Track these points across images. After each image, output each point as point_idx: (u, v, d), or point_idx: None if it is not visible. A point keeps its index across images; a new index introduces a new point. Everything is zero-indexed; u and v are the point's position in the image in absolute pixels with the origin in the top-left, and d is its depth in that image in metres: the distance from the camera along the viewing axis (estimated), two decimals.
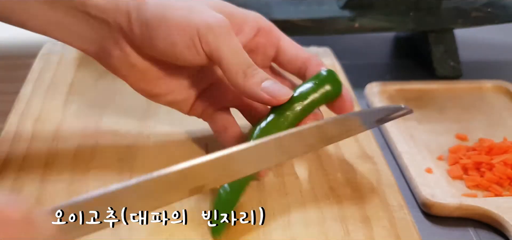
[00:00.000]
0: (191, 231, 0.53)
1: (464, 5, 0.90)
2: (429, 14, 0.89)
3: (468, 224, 0.60)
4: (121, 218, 0.45)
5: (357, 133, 0.60)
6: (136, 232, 0.53)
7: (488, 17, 0.90)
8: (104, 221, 0.45)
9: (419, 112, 0.77)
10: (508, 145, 0.67)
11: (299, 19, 0.88)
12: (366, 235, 0.54)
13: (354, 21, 0.88)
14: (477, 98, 0.81)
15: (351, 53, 0.96)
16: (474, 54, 0.96)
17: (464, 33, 0.94)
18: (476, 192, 0.63)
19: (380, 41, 1.00)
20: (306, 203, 0.57)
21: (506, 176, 0.63)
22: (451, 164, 0.67)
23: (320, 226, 0.55)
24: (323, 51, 0.87)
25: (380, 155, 0.65)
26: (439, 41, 0.89)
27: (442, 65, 0.89)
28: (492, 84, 0.83)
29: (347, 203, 0.57)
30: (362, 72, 0.90)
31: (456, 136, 0.72)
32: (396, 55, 0.99)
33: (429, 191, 0.62)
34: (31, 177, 0.59)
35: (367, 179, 0.61)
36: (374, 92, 0.80)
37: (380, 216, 0.56)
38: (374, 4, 0.88)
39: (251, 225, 0.54)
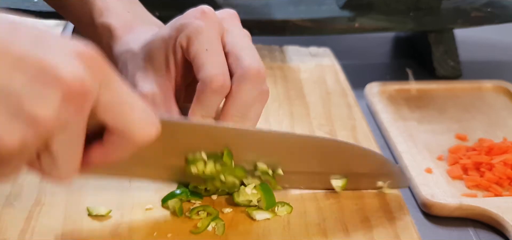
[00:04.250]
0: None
1: (464, 5, 0.90)
2: (429, 14, 0.89)
3: (468, 224, 0.60)
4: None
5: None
6: (136, 232, 0.53)
7: (488, 17, 0.90)
8: None
9: (419, 112, 0.77)
10: (508, 145, 0.67)
11: (299, 19, 0.88)
12: (366, 235, 0.54)
13: (354, 21, 0.88)
14: (477, 98, 0.81)
15: (351, 53, 0.96)
16: (474, 54, 0.96)
17: (464, 33, 0.94)
18: (476, 192, 0.63)
19: (380, 41, 1.00)
20: (306, 203, 0.57)
21: (506, 176, 0.63)
22: (451, 164, 0.67)
23: (320, 226, 0.55)
24: (323, 51, 0.88)
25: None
26: (439, 41, 0.89)
27: (442, 65, 0.89)
28: (492, 84, 0.83)
29: (347, 203, 0.57)
30: (362, 72, 0.90)
31: (456, 136, 0.72)
32: (396, 55, 0.99)
33: (429, 191, 0.62)
34: (31, 177, 0.59)
35: None
36: (374, 92, 0.80)
37: (380, 216, 0.56)
38: (374, 4, 0.88)
39: (251, 225, 0.54)
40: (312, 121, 0.70)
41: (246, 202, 0.56)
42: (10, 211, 0.55)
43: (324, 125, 0.70)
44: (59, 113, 0.42)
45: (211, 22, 0.57)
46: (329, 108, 0.73)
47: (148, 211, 0.56)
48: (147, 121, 0.46)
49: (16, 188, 0.58)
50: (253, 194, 0.56)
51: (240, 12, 0.90)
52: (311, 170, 0.58)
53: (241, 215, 0.55)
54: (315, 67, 0.83)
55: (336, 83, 0.79)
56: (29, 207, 0.55)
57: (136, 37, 0.62)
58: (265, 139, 0.56)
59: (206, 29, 0.57)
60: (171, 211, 0.55)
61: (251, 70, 0.56)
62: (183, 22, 0.58)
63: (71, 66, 0.42)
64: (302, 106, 0.74)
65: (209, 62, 0.56)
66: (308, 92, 0.77)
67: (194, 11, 0.58)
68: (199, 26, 0.57)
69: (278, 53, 0.87)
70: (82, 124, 0.43)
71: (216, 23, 0.58)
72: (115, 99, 0.44)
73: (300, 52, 0.87)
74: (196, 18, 0.58)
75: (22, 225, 0.53)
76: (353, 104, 0.75)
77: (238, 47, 0.57)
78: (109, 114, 0.44)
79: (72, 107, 0.42)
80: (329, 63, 0.84)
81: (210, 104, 0.56)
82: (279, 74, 0.81)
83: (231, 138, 0.54)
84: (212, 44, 0.57)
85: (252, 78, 0.56)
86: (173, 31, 0.58)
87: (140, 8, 0.67)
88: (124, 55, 0.61)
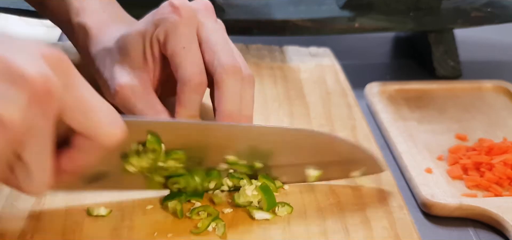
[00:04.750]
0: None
1: (464, 5, 0.90)
2: (429, 14, 0.89)
3: (468, 224, 0.60)
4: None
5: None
6: (136, 232, 0.53)
7: (488, 17, 0.90)
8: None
9: (419, 112, 0.77)
10: (508, 145, 0.67)
11: (299, 19, 0.88)
12: (366, 235, 0.54)
13: (354, 21, 0.88)
14: (477, 98, 0.81)
15: (351, 53, 0.96)
16: (474, 54, 0.96)
17: (464, 33, 0.94)
18: (476, 192, 0.63)
19: (380, 41, 1.00)
20: (306, 203, 0.57)
21: (506, 176, 0.63)
22: (451, 164, 0.67)
23: (320, 226, 0.55)
24: (323, 51, 0.88)
25: (380, 155, 0.65)
26: (439, 41, 0.89)
27: (442, 65, 0.89)
28: (492, 84, 0.83)
29: (347, 203, 0.57)
30: (362, 72, 0.90)
31: (456, 136, 0.72)
32: (396, 55, 0.99)
33: (429, 191, 0.62)
34: None
35: (367, 179, 0.61)
36: (374, 92, 0.80)
37: (380, 216, 0.56)
38: (374, 4, 0.88)
39: (251, 225, 0.54)
40: (312, 121, 0.70)
41: (247, 203, 0.56)
42: (10, 211, 0.55)
43: (324, 125, 0.70)
44: (26, 114, 0.41)
45: (186, 17, 0.59)
46: (329, 108, 0.73)
47: (148, 211, 0.56)
48: (112, 123, 0.46)
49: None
50: (254, 196, 0.56)
51: (240, 12, 0.90)
52: (285, 163, 0.58)
53: (242, 215, 0.55)
54: (315, 67, 0.83)
55: (336, 83, 0.79)
56: (29, 207, 0.55)
57: (112, 35, 0.62)
58: (234, 132, 0.56)
59: (182, 25, 0.58)
60: (171, 212, 0.55)
61: (228, 67, 0.57)
62: (160, 17, 0.59)
63: (37, 66, 0.42)
64: (302, 106, 0.74)
65: (187, 60, 0.57)
66: (308, 92, 0.77)
67: (169, 5, 0.59)
68: (176, 21, 0.58)
69: (278, 53, 0.87)
70: (50, 129, 0.43)
71: (192, 17, 0.59)
72: (80, 101, 0.45)
73: (300, 52, 0.87)
74: (171, 12, 0.59)
75: (22, 225, 0.53)
76: (353, 104, 0.75)
77: (213, 42, 0.59)
78: (74, 117, 0.45)
79: (38, 108, 0.42)
80: (329, 63, 0.84)
81: (191, 103, 0.57)
82: (279, 74, 0.81)
83: (198, 135, 0.55)
84: (188, 41, 0.58)
85: (230, 73, 0.57)
86: (149, 25, 0.59)
87: (117, 7, 0.67)
88: (100, 53, 0.62)
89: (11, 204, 0.56)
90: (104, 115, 0.46)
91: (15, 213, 0.55)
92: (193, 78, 0.57)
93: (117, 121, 0.47)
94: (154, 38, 0.59)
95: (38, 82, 0.41)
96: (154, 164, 0.54)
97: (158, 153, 0.54)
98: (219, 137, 0.56)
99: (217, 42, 0.59)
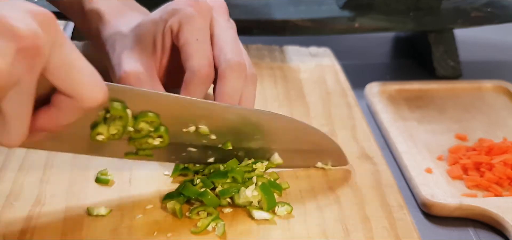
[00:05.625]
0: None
1: (464, 5, 0.90)
2: (429, 14, 0.89)
3: (468, 224, 0.60)
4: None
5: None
6: (136, 232, 0.53)
7: (488, 17, 0.90)
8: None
9: (419, 112, 0.77)
10: (508, 145, 0.67)
11: (299, 19, 0.88)
12: (366, 235, 0.54)
13: (354, 21, 0.88)
14: (477, 98, 0.81)
15: (351, 53, 0.96)
16: (474, 54, 0.96)
17: (464, 33, 0.94)
18: (476, 192, 0.63)
19: (380, 41, 1.00)
20: (306, 203, 0.57)
21: (506, 176, 0.63)
22: (451, 164, 0.67)
23: (320, 226, 0.55)
24: (323, 51, 0.88)
25: (380, 155, 0.65)
26: (439, 41, 0.89)
27: (442, 65, 0.89)
28: (492, 84, 0.83)
29: (347, 203, 0.57)
30: (362, 72, 0.90)
31: (456, 136, 0.72)
32: (396, 55, 0.99)
33: (429, 191, 0.62)
34: (31, 177, 0.59)
35: (367, 179, 0.61)
36: (374, 92, 0.80)
37: (380, 216, 0.56)
38: (374, 4, 0.88)
39: (251, 225, 0.54)
40: (312, 121, 0.70)
41: (247, 203, 0.56)
42: (10, 211, 0.55)
43: (324, 125, 0.70)
44: (12, 66, 0.42)
45: (202, 10, 0.60)
46: (329, 108, 0.73)
47: (148, 210, 0.56)
48: (95, 85, 0.47)
49: (16, 188, 0.58)
50: (254, 196, 0.56)
51: (240, 12, 0.90)
52: (252, 146, 0.59)
53: (241, 215, 0.55)
54: (315, 67, 0.83)
55: (336, 83, 0.79)
56: (29, 207, 0.55)
57: (125, 21, 0.64)
58: (204, 108, 0.56)
59: (198, 17, 0.60)
60: (170, 212, 0.55)
61: (233, 63, 0.59)
62: (175, 7, 0.61)
63: (27, 22, 0.43)
64: (302, 106, 0.74)
65: (198, 52, 0.59)
66: (308, 92, 0.77)
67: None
68: (191, 13, 0.59)
69: (278, 53, 0.87)
70: (33, 83, 0.44)
71: (206, 11, 0.60)
72: (65, 60, 0.45)
73: (300, 52, 0.87)
74: (188, 5, 0.60)
75: (22, 225, 0.53)
76: (353, 104, 0.75)
77: (223, 39, 0.60)
78: (58, 75, 0.45)
79: (25, 62, 0.43)
80: (329, 63, 0.84)
81: (197, 93, 0.58)
82: (279, 74, 0.81)
83: (173, 106, 0.55)
84: (202, 34, 0.59)
85: (234, 69, 0.58)
86: (164, 14, 0.61)
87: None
88: (112, 37, 0.63)
89: (11, 204, 0.56)
90: (87, 76, 0.46)
91: (15, 213, 0.55)
92: (202, 69, 0.58)
93: (99, 84, 0.47)
94: (167, 27, 0.60)
95: (27, 37, 0.42)
96: (123, 130, 0.54)
97: (125, 119, 0.53)
98: (193, 111, 0.56)
99: (227, 39, 0.60)
